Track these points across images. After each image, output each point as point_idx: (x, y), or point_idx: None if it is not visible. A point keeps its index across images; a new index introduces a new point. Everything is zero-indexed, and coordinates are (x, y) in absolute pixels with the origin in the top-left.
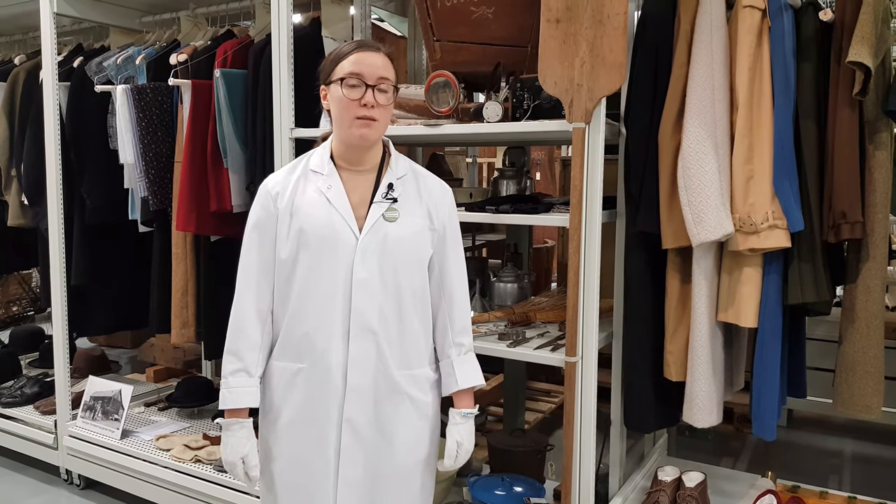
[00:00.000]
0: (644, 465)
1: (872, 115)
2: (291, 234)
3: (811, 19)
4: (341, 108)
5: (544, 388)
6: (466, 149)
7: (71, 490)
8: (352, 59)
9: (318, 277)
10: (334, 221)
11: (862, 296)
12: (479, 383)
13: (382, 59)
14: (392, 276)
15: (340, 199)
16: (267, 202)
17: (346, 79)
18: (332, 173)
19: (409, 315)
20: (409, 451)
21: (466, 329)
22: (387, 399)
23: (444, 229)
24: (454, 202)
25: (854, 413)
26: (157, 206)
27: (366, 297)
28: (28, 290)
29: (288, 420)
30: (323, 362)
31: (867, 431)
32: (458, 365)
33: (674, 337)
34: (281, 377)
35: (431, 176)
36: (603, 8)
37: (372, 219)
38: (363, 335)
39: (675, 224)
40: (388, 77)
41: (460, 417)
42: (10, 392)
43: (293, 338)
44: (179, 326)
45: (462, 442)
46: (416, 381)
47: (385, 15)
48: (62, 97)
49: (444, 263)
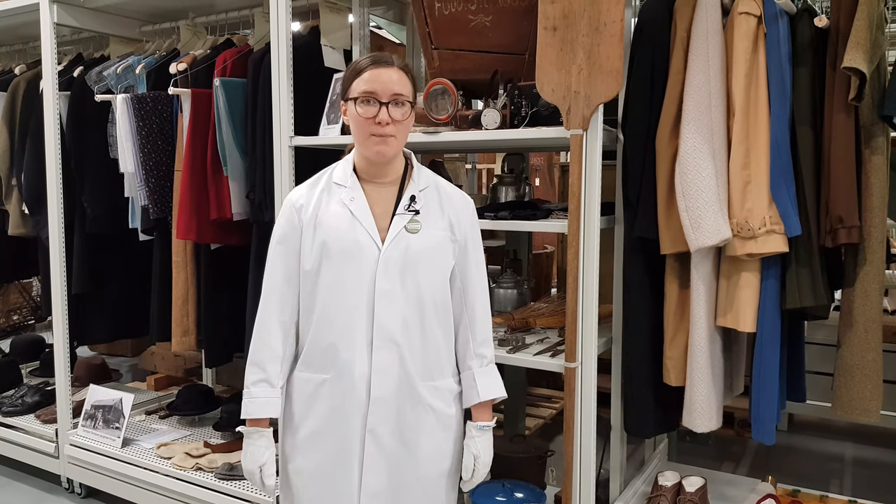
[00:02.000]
0: (644, 470)
1: (868, 119)
2: (315, 247)
3: (806, 25)
4: (357, 126)
5: (545, 394)
6: (466, 155)
7: (72, 499)
8: (365, 77)
9: (341, 289)
10: (357, 233)
11: (860, 300)
12: (502, 395)
13: (397, 73)
14: (414, 288)
15: (363, 212)
16: (291, 215)
17: (361, 97)
18: (356, 186)
19: (431, 326)
20: (433, 462)
21: (488, 341)
22: (410, 410)
23: (465, 241)
24: (476, 214)
25: (853, 417)
26: (157, 215)
27: (389, 309)
28: (29, 298)
29: (311, 431)
30: (347, 373)
31: (867, 435)
32: (480, 376)
33: (673, 342)
34: (304, 388)
35: (453, 188)
36: (599, 16)
37: (394, 230)
38: (386, 346)
39: (673, 229)
40: (403, 92)
41: (477, 430)
42: (12, 401)
43: (317, 349)
44: (180, 334)
45: (479, 455)
46: (440, 392)
47: (383, 23)
48: (62, 107)
49: (466, 275)
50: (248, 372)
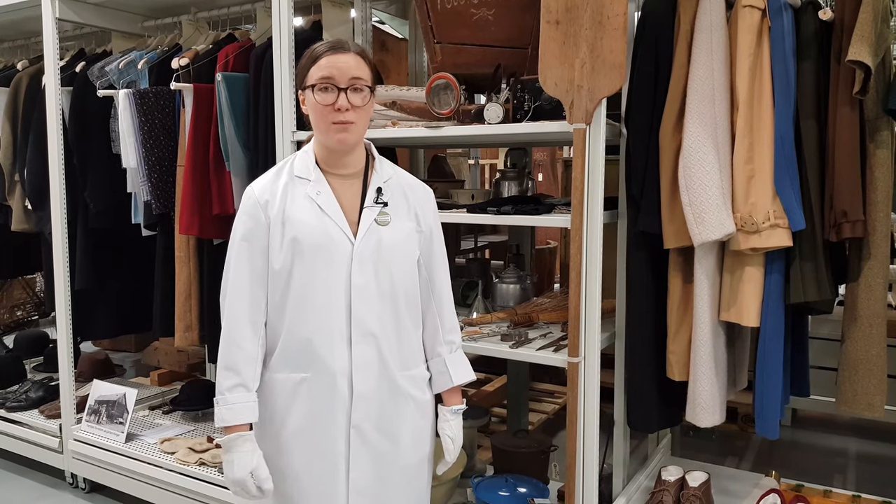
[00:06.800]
0: (648, 465)
1: (873, 113)
2: (285, 244)
3: (811, 18)
4: (316, 114)
5: (548, 389)
6: (468, 150)
7: (76, 493)
8: (321, 64)
9: (315, 286)
10: (328, 228)
11: (864, 294)
12: (471, 378)
13: (354, 58)
14: (388, 280)
15: (332, 206)
16: (256, 211)
17: (318, 84)
18: (320, 179)
19: (403, 317)
20: (414, 449)
21: (456, 327)
22: (391, 402)
23: (430, 231)
24: (436, 203)
25: (857, 411)
26: (159, 210)
27: (365, 303)
28: (32, 294)
29: (293, 431)
30: (327, 370)
31: (871, 430)
32: (451, 362)
33: (676, 337)
34: (283, 389)
35: (413, 178)
36: (602, 9)
37: (365, 224)
38: (365, 340)
39: (676, 224)
40: (361, 76)
41: (451, 414)
42: (16, 396)
43: (292, 348)
44: (183, 330)
45: (454, 437)
46: (416, 381)
47: (386, 18)
48: (65, 102)
49: (432, 265)
50: (220, 377)
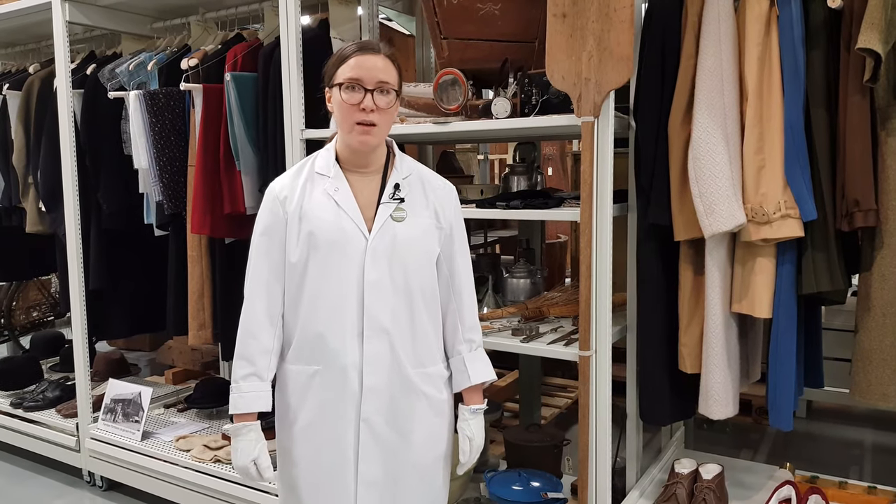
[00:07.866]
0: (661, 458)
1: (884, 101)
2: (301, 238)
3: (820, 7)
4: (342, 113)
5: (560, 384)
6: (477, 146)
7: (94, 491)
8: (351, 63)
9: (329, 280)
10: (343, 224)
11: (877, 284)
12: (492, 378)
13: (383, 61)
14: (402, 276)
15: (348, 202)
16: (275, 206)
17: (346, 83)
18: (339, 176)
19: (419, 314)
20: (427, 448)
21: (476, 326)
22: (402, 398)
23: (451, 228)
24: (458, 200)
25: (871, 402)
26: (171, 210)
27: (378, 298)
28: (47, 295)
29: (305, 423)
30: (338, 364)
31: (886, 420)
32: (470, 361)
33: (688, 329)
34: (297, 381)
35: (436, 175)
36: (609, 1)
37: (380, 219)
38: (377, 335)
39: (686, 215)
40: (388, 80)
41: (470, 414)
42: (33, 396)
43: (306, 340)
44: (196, 328)
45: (473, 437)
46: (431, 378)
47: (392, 14)
48: (76, 104)
49: (453, 262)
50: (235, 366)
